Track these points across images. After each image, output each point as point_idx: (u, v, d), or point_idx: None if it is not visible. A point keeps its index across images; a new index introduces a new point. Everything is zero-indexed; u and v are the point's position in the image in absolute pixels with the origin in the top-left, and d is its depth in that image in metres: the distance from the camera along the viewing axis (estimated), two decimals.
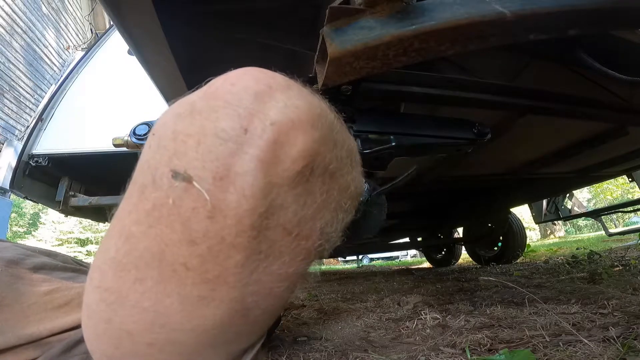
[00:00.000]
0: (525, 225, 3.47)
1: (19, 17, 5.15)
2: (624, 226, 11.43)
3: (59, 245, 15.31)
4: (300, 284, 0.32)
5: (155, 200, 0.22)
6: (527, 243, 3.45)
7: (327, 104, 0.30)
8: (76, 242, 16.05)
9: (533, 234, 13.37)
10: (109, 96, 2.28)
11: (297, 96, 0.26)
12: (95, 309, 0.25)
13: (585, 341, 0.65)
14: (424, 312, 1.06)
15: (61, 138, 2.09)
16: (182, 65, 0.78)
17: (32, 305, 0.42)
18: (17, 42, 5.15)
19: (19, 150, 2.09)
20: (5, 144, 4.87)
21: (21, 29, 5.22)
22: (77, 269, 0.53)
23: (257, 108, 0.23)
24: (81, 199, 2.10)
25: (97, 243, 16.20)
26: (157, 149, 0.23)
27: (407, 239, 3.70)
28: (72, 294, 0.45)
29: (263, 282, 0.26)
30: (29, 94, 5.45)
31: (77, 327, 0.42)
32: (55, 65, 6.05)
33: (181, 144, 0.22)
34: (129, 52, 2.06)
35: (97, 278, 0.25)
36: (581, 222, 17.40)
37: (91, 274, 0.26)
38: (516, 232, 3.15)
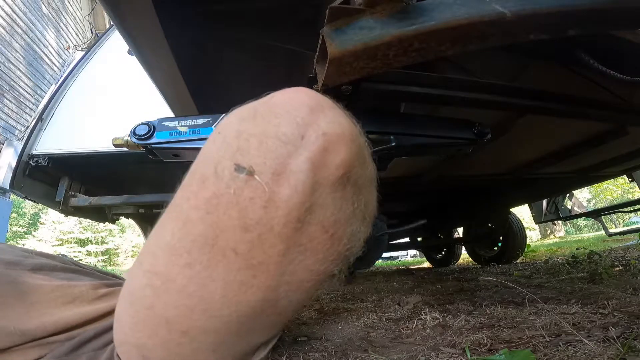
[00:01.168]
0: (525, 225, 3.47)
1: (19, 17, 5.15)
2: (624, 226, 11.43)
3: (59, 245, 15.32)
4: (325, 284, 0.34)
5: (215, 190, 0.24)
6: (527, 243, 3.45)
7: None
8: (76, 242, 16.06)
9: (533, 234, 13.37)
10: (109, 96, 2.28)
11: (341, 114, 0.30)
12: (140, 295, 0.26)
13: (585, 341, 0.65)
14: (424, 312, 1.06)
15: (61, 138, 2.09)
16: (182, 66, 0.78)
17: (34, 303, 0.42)
18: (17, 42, 5.14)
19: (19, 150, 2.08)
20: (5, 144, 4.87)
21: (21, 29, 5.22)
22: (76, 269, 0.53)
23: (312, 119, 0.27)
24: (81, 199, 2.10)
25: (97, 243, 16.21)
26: (221, 145, 0.26)
27: (407, 239, 3.70)
28: (75, 293, 0.45)
29: (297, 274, 0.28)
30: (29, 94, 5.45)
31: (83, 324, 0.42)
32: (55, 65, 6.05)
33: (244, 142, 0.25)
34: (129, 52, 2.06)
35: (148, 262, 0.26)
36: (581, 222, 17.40)
37: (141, 259, 0.27)
38: (516, 232, 3.15)
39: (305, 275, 0.29)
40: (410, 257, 11.07)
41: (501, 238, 3.31)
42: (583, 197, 15.53)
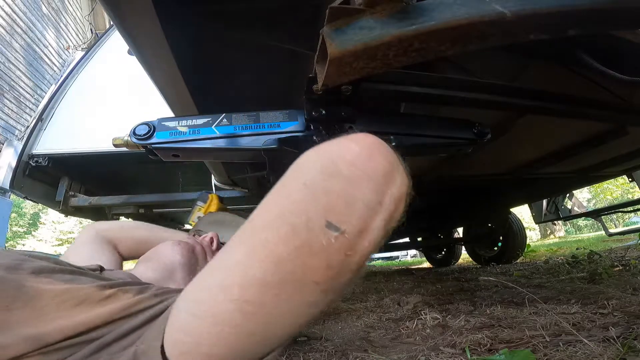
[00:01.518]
0: (525, 225, 3.47)
1: (19, 17, 5.15)
2: (624, 226, 11.42)
3: (59, 245, 15.31)
4: None
5: (307, 239, 0.30)
6: (527, 243, 3.45)
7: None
8: None
9: (533, 234, 13.36)
10: (109, 96, 2.28)
11: (404, 172, 0.36)
12: (227, 318, 0.32)
13: (585, 341, 0.65)
14: (424, 312, 1.06)
15: (61, 138, 2.09)
16: (182, 65, 0.78)
17: (44, 307, 0.42)
18: (17, 42, 5.14)
19: (19, 150, 2.08)
20: (5, 144, 4.86)
21: (21, 29, 5.22)
22: (73, 270, 0.53)
23: (389, 186, 0.33)
24: (81, 199, 2.10)
25: None
26: (311, 200, 0.31)
27: (407, 239, 3.70)
28: (82, 295, 0.45)
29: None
30: (29, 94, 5.45)
31: (96, 327, 0.42)
32: (55, 65, 6.05)
33: (334, 202, 0.30)
34: (129, 52, 2.06)
35: (237, 292, 0.31)
36: (581, 222, 17.39)
37: (230, 289, 0.31)
38: (516, 232, 3.15)
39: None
40: (410, 257, 11.07)
41: (501, 238, 3.30)
42: (583, 197, 15.52)
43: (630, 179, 2.12)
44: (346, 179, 0.31)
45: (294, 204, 0.31)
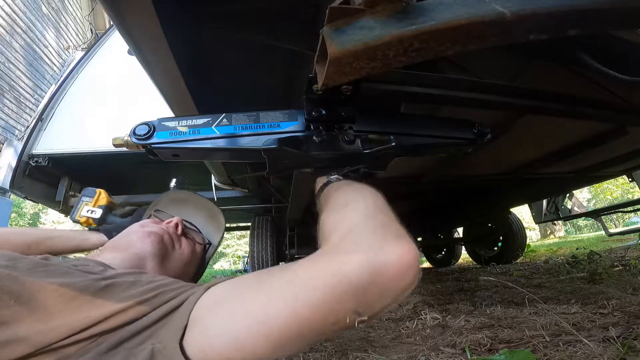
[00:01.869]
0: (525, 225, 3.47)
1: (19, 17, 5.15)
2: (624, 226, 11.41)
3: None
4: None
5: (339, 319, 0.39)
6: (527, 243, 3.45)
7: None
8: None
9: (533, 234, 13.35)
10: (109, 96, 2.27)
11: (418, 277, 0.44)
12: (262, 352, 0.40)
13: (585, 341, 0.65)
14: (424, 312, 1.06)
15: (61, 138, 2.09)
16: (182, 65, 0.78)
17: (46, 300, 0.43)
18: (17, 42, 5.14)
19: (19, 150, 2.08)
20: (5, 144, 4.86)
21: (21, 29, 5.22)
22: (64, 264, 0.55)
23: (407, 291, 0.41)
24: None
25: None
26: (352, 297, 0.39)
27: None
28: (80, 288, 0.46)
29: None
30: (29, 94, 5.45)
31: (101, 321, 0.44)
32: (55, 65, 6.05)
33: (367, 301, 0.39)
34: (129, 52, 2.06)
35: (275, 341, 0.39)
36: (581, 222, 17.38)
37: (271, 338, 0.39)
38: (516, 232, 3.15)
39: None
40: None
41: (501, 238, 3.31)
42: (583, 197, 15.50)
43: (630, 179, 2.12)
44: (383, 289, 0.40)
45: (338, 297, 0.39)
